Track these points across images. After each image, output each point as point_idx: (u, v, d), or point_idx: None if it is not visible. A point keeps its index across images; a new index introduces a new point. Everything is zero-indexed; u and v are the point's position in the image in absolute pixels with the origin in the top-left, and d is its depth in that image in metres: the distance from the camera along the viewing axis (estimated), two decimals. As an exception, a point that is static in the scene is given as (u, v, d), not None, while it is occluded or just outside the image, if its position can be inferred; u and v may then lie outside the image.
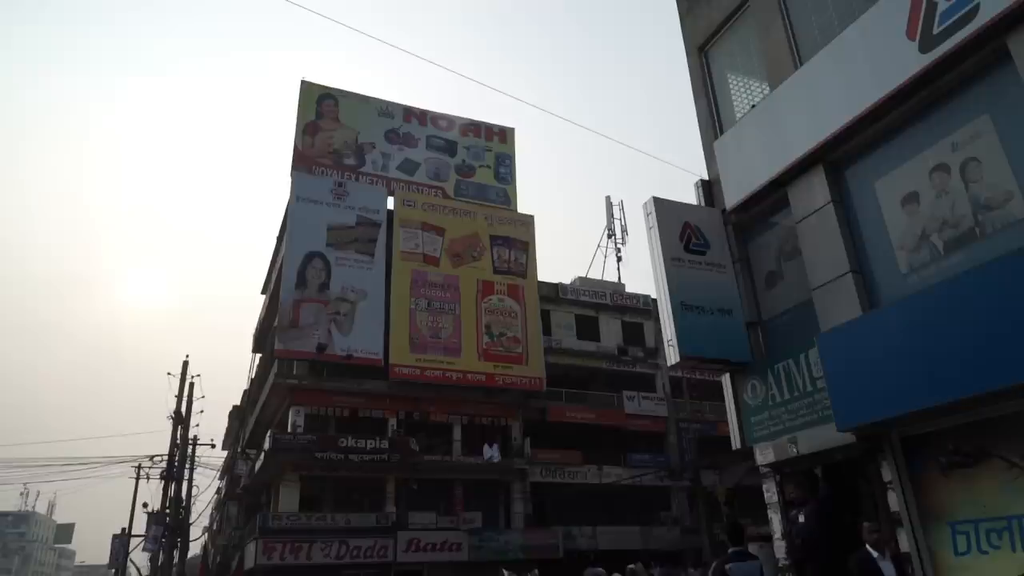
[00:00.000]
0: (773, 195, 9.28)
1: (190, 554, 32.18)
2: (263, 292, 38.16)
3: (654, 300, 28.32)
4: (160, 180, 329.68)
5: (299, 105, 32.74)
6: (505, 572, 11.96)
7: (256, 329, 38.37)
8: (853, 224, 8.12)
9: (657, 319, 25.46)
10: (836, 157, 8.34)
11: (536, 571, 15.04)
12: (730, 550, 7.09)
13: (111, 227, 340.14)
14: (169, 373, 30.73)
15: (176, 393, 28.58)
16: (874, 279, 7.82)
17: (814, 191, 8.49)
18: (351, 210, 31.08)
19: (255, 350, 38.99)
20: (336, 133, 32.87)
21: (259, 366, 36.74)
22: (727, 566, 6.83)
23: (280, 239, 32.96)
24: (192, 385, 29.32)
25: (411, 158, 34.33)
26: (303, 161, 31.58)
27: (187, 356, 35.08)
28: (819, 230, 8.33)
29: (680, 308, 9.01)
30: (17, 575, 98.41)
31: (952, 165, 7.14)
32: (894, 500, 7.07)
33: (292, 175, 31.10)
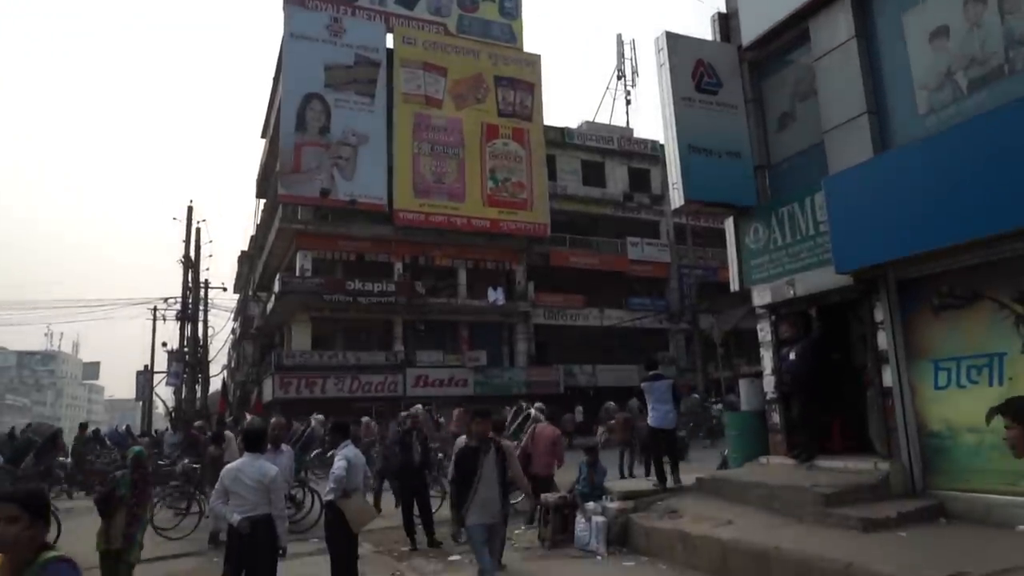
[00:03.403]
0: (793, 29, 8.78)
1: (211, 390, 34.08)
2: (263, 136, 37.38)
3: (662, 145, 27.70)
4: (148, 17, 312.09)
5: (287, -72, 30.21)
6: (524, 404, 12.74)
7: (259, 174, 38.02)
8: (875, 61, 7.74)
9: (664, 165, 24.98)
10: (864, -14, 7.77)
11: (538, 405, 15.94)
12: (648, 373, 9.37)
13: (112, 77, 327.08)
14: (174, 218, 30.96)
15: (184, 238, 28.92)
16: (890, 121, 7.58)
17: (837, 24, 8.01)
18: (349, 48, 29.64)
19: (259, 195, 38.90)
20: (329, -39, 30.59)
21: (264, 211, 36.82)
22: (643, 384, 9.30)
23: (276, 80, 31.78)
24: (199, 230, 29.59)
25: (410, -11, 32.20)
26: (295, -8, 29.65)
27: (191, 201, 35.14)
28: (839, 67, 7.96)
29: (687, 150, 8.82)
30: (52, 407, 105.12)
31: (989, -6, 6.67)
32: (883, 339, 7.33)
33: (284, 8, 29.34)
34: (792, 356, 8.17)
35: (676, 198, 8.96)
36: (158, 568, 8.32)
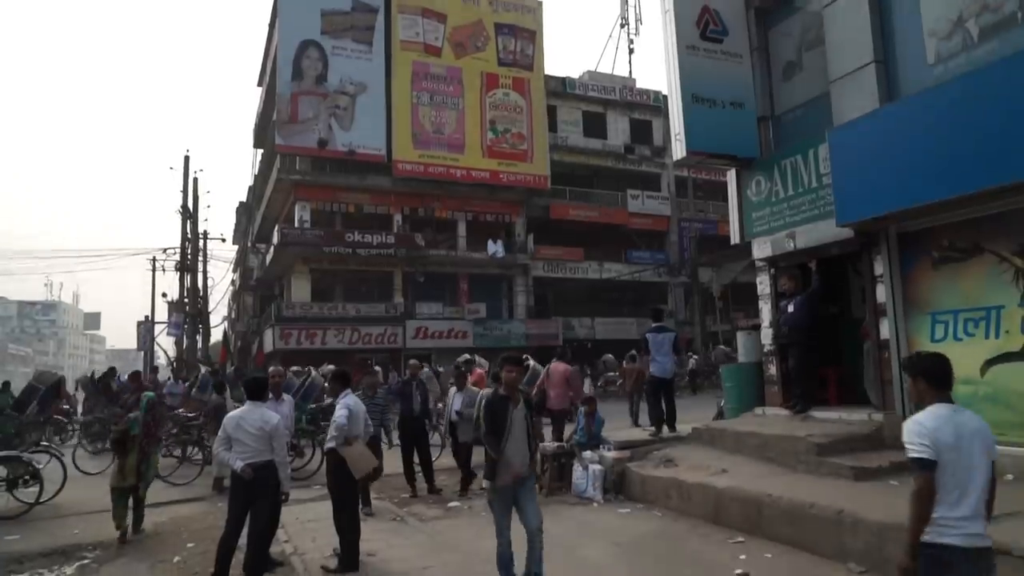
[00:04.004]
0: (802, -25, 8.55)
1: (212, 340, 34.27)
2: (259, 84, 36.71)
3: (664, 96, 27.23)
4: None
5: None
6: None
7: (255, 123, 37.48)
8: (884, 8, 7.55)
9: (666, 116, 24.62)
10: (877, -72, 7.52)
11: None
12: (652, 325, 9.74)
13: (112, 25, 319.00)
14: (171, 167, 30.59)
15: (181, 188, 28.63)
16: (897, 70, 7.43)
17: (847, -31, 7.78)
18: (345, -8, 28.89)
19: (256, 145, 38.43)
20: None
21: (262, 161, 36.43)
22: (647, 335, 9.58)
23: (272, 26, 31.03)
24: (196, 180, 29.29)
25: (408, -68, 31.18)
26: (289, -66, 28.71)
27: (188, 150, 34.70)
28: (847, 15, 7.77)
29: (691, 100, 8.67)
30: (54, 357, 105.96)
31: (1005, -62, 6.46)
32: (882, 292, 7.34)
33: (278, -50, 28.49)
34: (790, 309, 8.19)
35: (678, 149, 8.85)
36: (164, 512, 8.51)
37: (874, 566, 5.00)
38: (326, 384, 10.91)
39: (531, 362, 12.52)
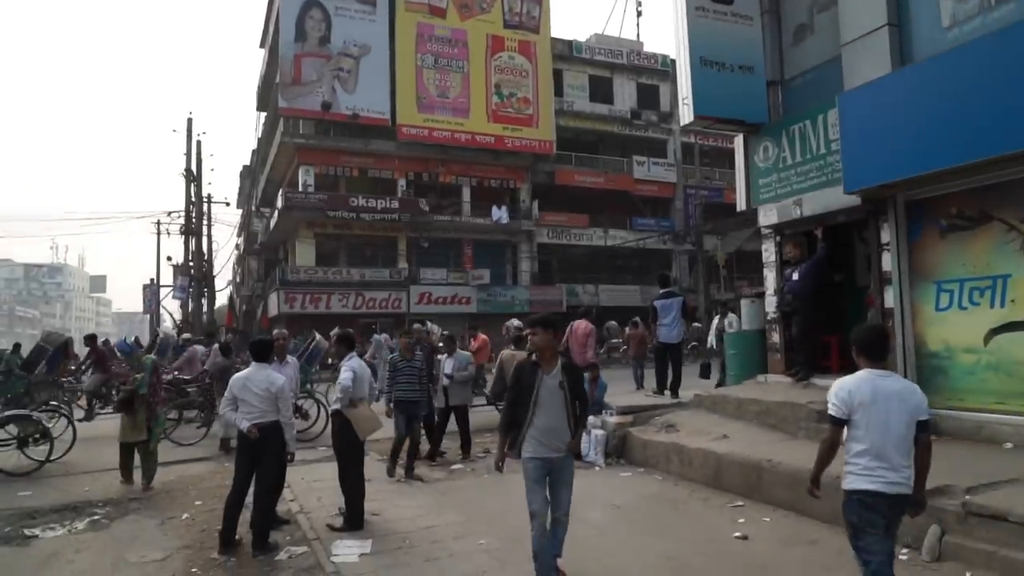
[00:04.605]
0: (816, -66, 8.33)
1: (217, 304, 34.40)
2: (261, 46, 36.23)
3: (672, 60, 26.80)
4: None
5: None
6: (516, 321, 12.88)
7: (259, 85, 37.08)
8: (899, -31, 7.37)
9: (674, 81, 24.16)
10: None
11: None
12: (659, 292, 10.00)
13: None
14: (174, 130, 30.39)
15: (184, 151, 28.50)
16: (911, 34, 7.28)
17: (863, -72, 7.58)
18: (348, -49, 28.33)
19: (260, 108, 38.09)
20: None
21: (265, 124, 36.15)
22: (655, 302, 9.86)
23: (274, -16, 30.52)
24: (199, 143, 29.13)
25: None
26: None
27: (190, 113, 34.45)
28: (861, -24, 7.58)
29: (699, 63, 8.54)
30: (61, 319, 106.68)
31: None
32: (888, 260, 7.30)
33: (280, -93, 27.88)
34: (795, 276, 8.17)
35: (686, 113, 8.74)
36: (172, 471, 8.64)
37: (871, 530, 5.07)
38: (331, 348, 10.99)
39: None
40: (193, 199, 28.92)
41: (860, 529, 3.36)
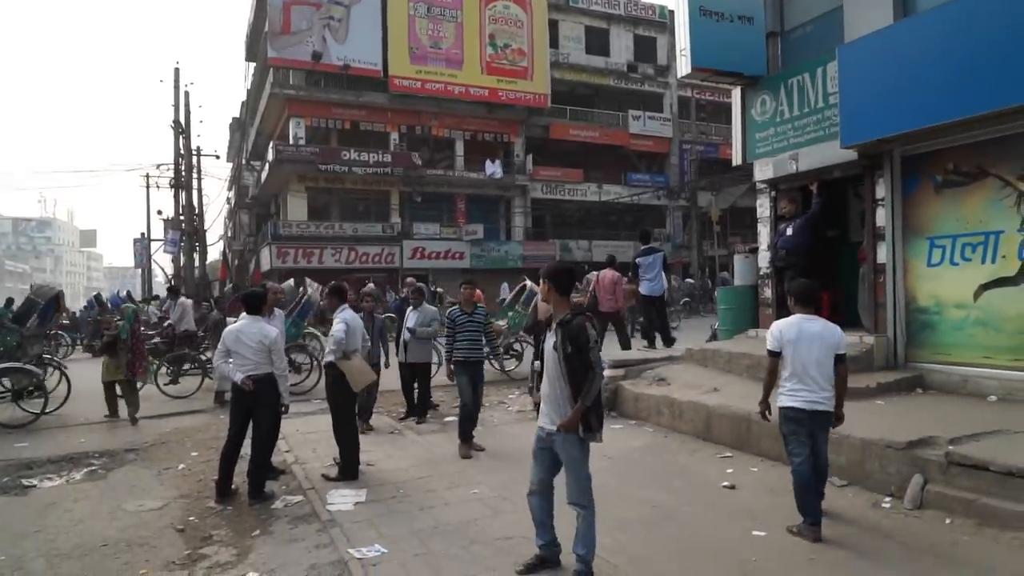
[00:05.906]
0: None
1: (209, 259, 34.21)
2: (249, -8, 35.24)
3: (671, 11, 26.27)
4: None
5: None
6: (525, 278, 12.84)
7: (247, 34, 36.15)
8: (905, -84, 7.18)
9: (672, 33, 23.64)
10: None
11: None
12: (640, 248, 10.11)
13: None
14: (161, 80, 29.76)
15: (172, 102, 27.90)
16: (914, -16, 7.14)
17: None
18: None
19: (248, 58, 37.21)
20: None
21: (254, 75, 35.39)
22: (637, 259, 9.97)
23: (260, -72, 29.51)
24: (187, 94, 28.51)
25: None
26: None
27: (177, 63, 33.64)
28: (865, -78, 7.38)
29: (698, 13, 8.36)
30: (52, 274, 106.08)
31: None
32: (882, 216, 7.30)
33: None
34: (789, 231, 8.15)
35: (683, 65, 8.59)
36: (167, 424, 8.73)
37: (855, 479, 5.19)
38: (323, 302, 10.95)
39: (527, 283, 12.58)
40: (182, 152, 28.48)
41: (787, 436, 4.39)
